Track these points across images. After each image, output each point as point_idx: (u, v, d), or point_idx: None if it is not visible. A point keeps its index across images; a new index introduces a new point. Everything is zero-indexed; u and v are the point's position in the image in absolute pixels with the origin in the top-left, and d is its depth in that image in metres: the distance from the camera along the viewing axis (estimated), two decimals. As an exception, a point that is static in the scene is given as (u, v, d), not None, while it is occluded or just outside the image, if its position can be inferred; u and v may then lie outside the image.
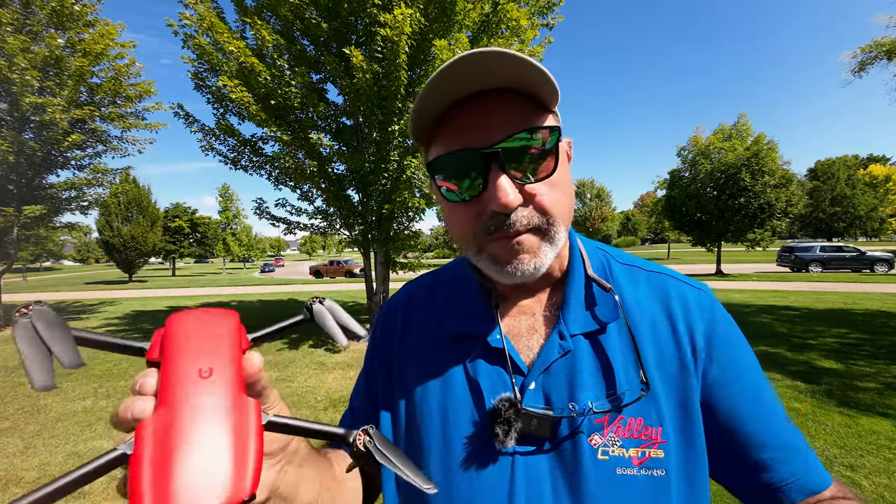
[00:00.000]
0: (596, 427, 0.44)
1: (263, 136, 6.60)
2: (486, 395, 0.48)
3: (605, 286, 0.50)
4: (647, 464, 0.43)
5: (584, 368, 0.47)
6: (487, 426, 0.46)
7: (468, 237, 0.47)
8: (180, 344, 0.29)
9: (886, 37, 8.24)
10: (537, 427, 0.44)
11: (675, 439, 0.44)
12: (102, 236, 26.97)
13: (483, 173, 0.44)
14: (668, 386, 0.47)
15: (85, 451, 3.27)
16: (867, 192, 44.08)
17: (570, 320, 0.50)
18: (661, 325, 0.49)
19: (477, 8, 5.91)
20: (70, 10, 8.06)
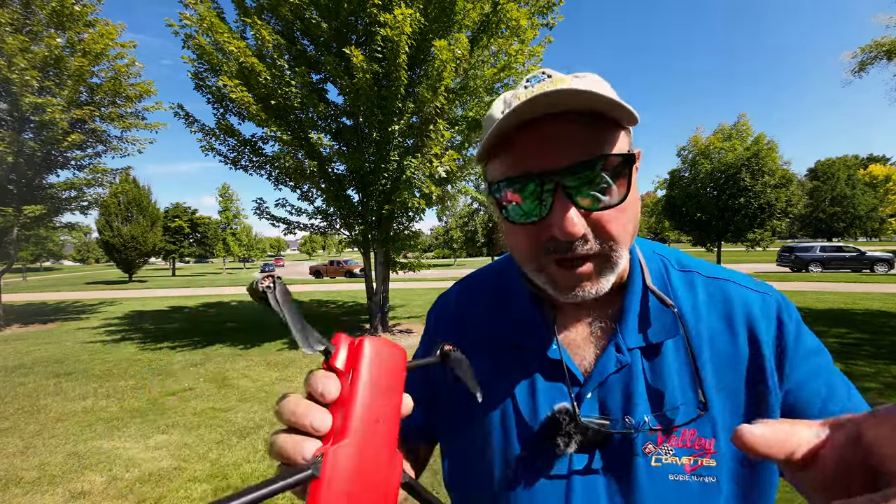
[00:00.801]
0: (650, 437, 0.45)
1: (263, 136, 6.60)
2: (543, 404, 0.49)
3: (666, 301, 0.49)
4: (699, 471, 0.44)
5: (641, 382, 0.47)
6: (546, 435, 0.47)
7: (529, 257, 0.47)
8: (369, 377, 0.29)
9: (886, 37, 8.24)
10: (594, 438, 0.46)
11: (728, 449, 0.45)
12: (102, 236, 26.96)
13: (549, 198, 0.42)
14: (725, 399, 0.46)
15: (85, 451, 3.27)
16: (867, 192, 44.09)
17: (628, 333, 0.49)
18: (722, 338, 0.48)
19: (477, 8, 5.91)
20: (70, 10, 8.06)
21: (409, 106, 5.74)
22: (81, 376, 5.42)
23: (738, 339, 0.48)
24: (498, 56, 6.52)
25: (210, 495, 2.62)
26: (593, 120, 0.42)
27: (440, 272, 26.50)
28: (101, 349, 7.06)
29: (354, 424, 0.28)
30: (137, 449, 3.31)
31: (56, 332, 8.92)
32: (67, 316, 11.69)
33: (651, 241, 0.58)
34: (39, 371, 5.75)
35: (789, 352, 0.47)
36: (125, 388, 4.89)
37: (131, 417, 3.98)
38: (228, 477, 2.82)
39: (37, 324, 10.20)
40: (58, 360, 6.33)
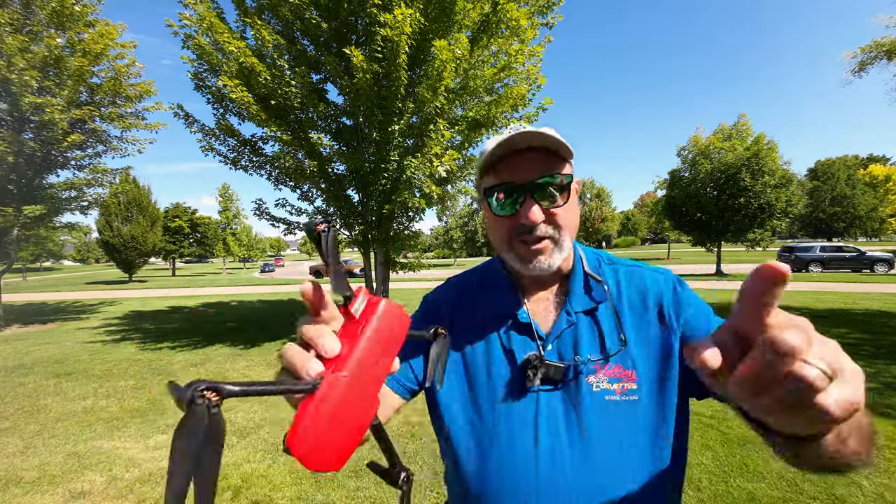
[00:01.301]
0: (591, 371, 0.65)
1: (263, 136, 6.59)
2: (517, 353, 0.69)
3: (598, 279, 0.73)
4: (626, 392, 0.64)
5: (583, 334, 0.69)
6: (520, 372, 0.67)
7: (503, 239, 0.70)
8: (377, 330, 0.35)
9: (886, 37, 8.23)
10: (553, 373, 0.65)
11: (645, 376, 0.65)
12: (102, 236, 26.95)
13: (520, 199, 0.66)
14: (640, 341, 0.67)
15: (85, 451, 3.27)
16: (867, 192, 44.04)
17: (574, 302, 0.71)
18: (637, 302, 0.70)
19: (477, 8, 5.90)
20: (70, 10, 8.06)
21: (409, 106, 5.74)
22: (81, 376, 5.42)
23: (649, 302, 0.70)
24: (498, 56, 6.52)
25: (210, 495, 2.62)
26: (548, 154, 0.66)
27: (440, 272, 26.50)
28: (101, 349, 7.06)
29: (353, 363, 0.33)
30: (137, 449, 3.31)
31: (56, 332, 8.92)
32: (67, 316, 11.69)
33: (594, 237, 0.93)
34: (39, 371, 5.75)
35: (682, 305, 0.69)
36: (125, 388, 4.89)
37: (131, 417, 3.98)
38: (228, 477, 2.82)
39: (37, 324, 10.19)
40: (58, 360, 6.33)
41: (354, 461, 2.97)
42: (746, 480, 2.58)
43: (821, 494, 2.41)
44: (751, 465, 2.76)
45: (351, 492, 2.61)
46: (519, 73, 6.47)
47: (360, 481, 2.72)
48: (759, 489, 2.48)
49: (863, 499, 2.35)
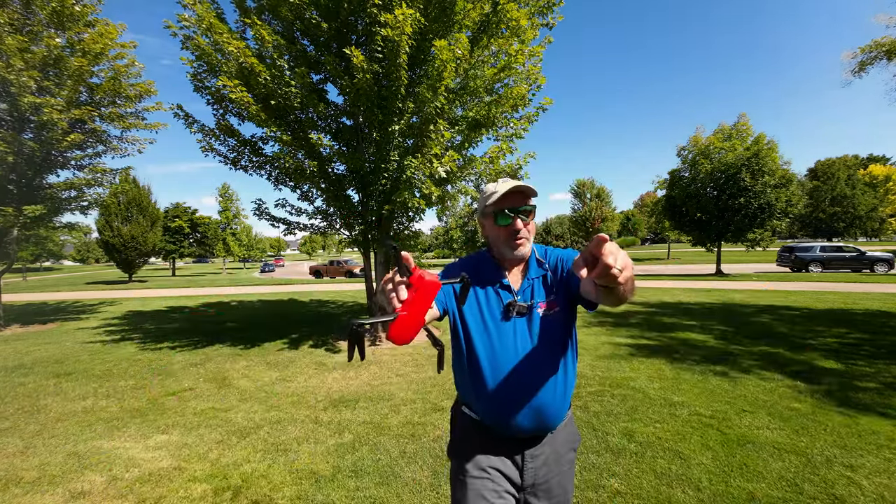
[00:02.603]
0: (538, 305, 1.21)
1: (263, 136, 6.59)
2: (504, 299, 1.22)
3: (541, 261, 1.29)
4: (554, 311, 1.21)
5: (536, 288, 1.24)
6: (505, 308, 1.20)
7: (503, 239, 1.22)
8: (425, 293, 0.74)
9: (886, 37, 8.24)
10: (522, 309, 1.20)
11: (560, 302, 1.22)
12: (102, 236, 26.93)
13: (514, 216, 1.20)
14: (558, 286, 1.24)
15: (85, 451, 3.27)
16: (867, 192, 44.03)
17: (531, 273, 1.26)
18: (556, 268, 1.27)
19: (477, 8, 5.90)
20: (70, 10, 8.06)
21: (410, 106, 5.74)
22: (81, 376, 5.42)
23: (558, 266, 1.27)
24: (498, 56, 6.51)
25: (210, 495, 2.62)
26: (525, 194, 1.20)
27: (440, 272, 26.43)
28: (101, 349, 7.06)
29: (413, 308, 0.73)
30: (137, 449, 3.31)
31: (56, 332, 8.92)
32: (67, 316, 11.69)
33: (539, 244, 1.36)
34: (39, 371, 5.75)
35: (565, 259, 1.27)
36: (125, 388, 4.89)
37: (131, 417, 3.97)
38: (229, 477, 2.82)
39: (37, 324, 10.19)
40: (58, 360, 6.33)
41: (354, 461, 2.97)
42: (746, 480, 2.57)
43: (821, 494, 2.41)
44: (751, 465, 2.76)
45: (351, 492, 2.61)
46: (519, 74, 6.47)
47: (359, 481, 2.72)
48: (759, 489, 2.48)
49: (863, 499, 2.35)
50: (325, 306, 12.13)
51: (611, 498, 2.45)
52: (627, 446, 3.07)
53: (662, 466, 2.77)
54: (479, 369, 1.17)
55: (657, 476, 2.66)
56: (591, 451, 3.03)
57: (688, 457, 2.88)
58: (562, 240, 60.36)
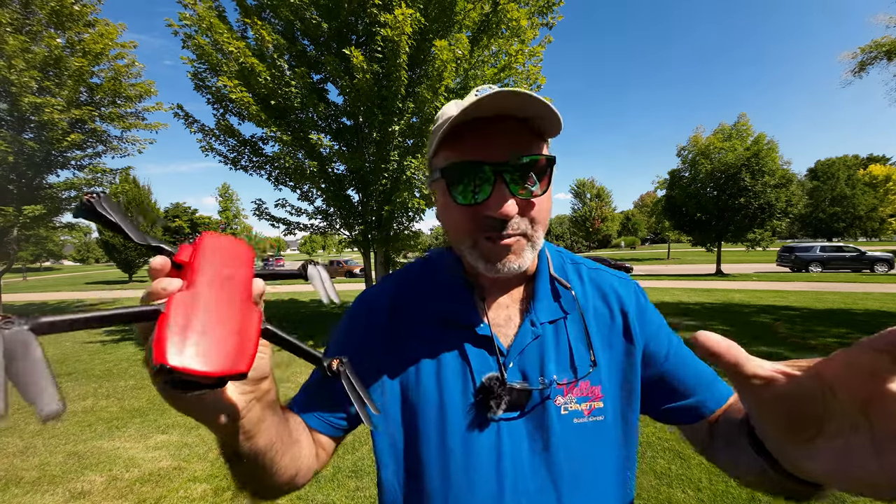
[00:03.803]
0: (558, 391, 0.57)
1: (263, 136, 6.60)
2: (476, 373, 0.58)
3: (566, 285, 0.63)
4: (594, 412, 0.58)
5: (550, 349, 0.59)
6: (479, 399, 0.56)
7: (465, 233, 0.56)
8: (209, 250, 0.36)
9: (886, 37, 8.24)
10: (518, 398, 0.56)
11: (610, 392, 0.59)
12: (102, 236, 26.97)
13: (490, 183, 0.52)
14: (607, 355, 0.61)
15: (85, 451, 3.27)
16: (867, 192, 44.06)
17: (539, 311, 0.61)
18: (602, 311, 0.64)
19: (477, 8, 5.90)
20: (70, 10, 8.06)
21: (410, 106, 5.74)
22: (81, 376, 5.42)
23: (615, 311, 0.63)
24: (498, 56, 6.52)
25: (210, 495, 2.62)
26: (526, 127, 0.53)
27: (440, 272, 26.45)
28: (101, 349, 7.06)
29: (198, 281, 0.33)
30: (137, 449, 3.31)
31: (56, 332, 8.92)
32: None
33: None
34: (39, 371, 5.75)
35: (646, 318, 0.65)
36: (125, 388, 4.89)
37: (131, 417, 3.98)
38: (228, 477, 2.82)
39: (37, 324, 10.19)
40: (58, 360, 6.33)
41: (354, 461, 2.97)
42: (746, 480, 2.57)
43: (821, 494, 2.41)
44: (751, 465, 2.75)
45: (351, 492, 2.61)
46: (519, 74, 6.47)
47: (360, 481, 2.72)
48: (759, 489, 2.48)
49: (863, 498, 2.35)
50: (325, 306, 12.13)
51: (611, 498, 2.45)
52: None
53: (662, 466, 2.77)
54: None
55: (657, 476, 2.66)
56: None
57: (688, 457, 2.88)
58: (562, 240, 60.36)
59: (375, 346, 0.63)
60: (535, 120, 0.53)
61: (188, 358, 0.28)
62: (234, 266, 0.36)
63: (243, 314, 0.34)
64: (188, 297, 0.31)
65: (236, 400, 0.41)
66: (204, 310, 0.31)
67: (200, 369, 0.28)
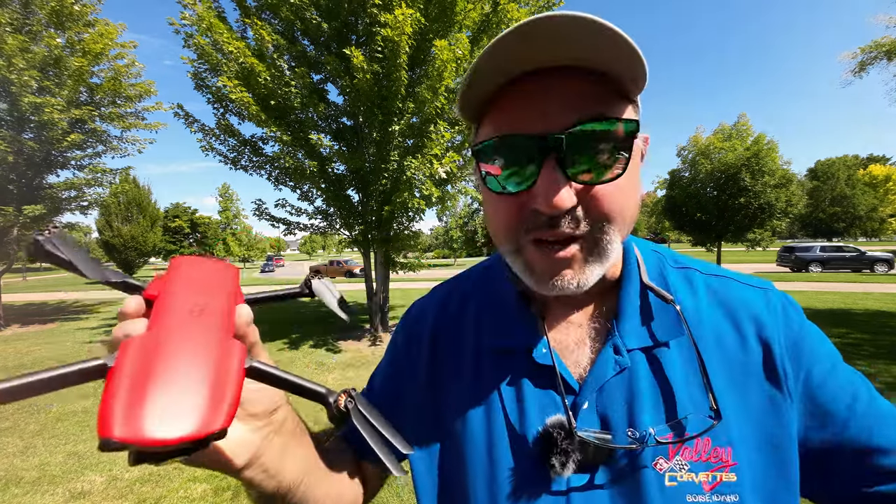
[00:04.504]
0: (660, 451, 0.40)
1: (263, 136, 6.60)
2: (535, 417, 0.43)
3: (666, 297, 0.45)
4: (720, 489, 0.39)
5: (644, 388, 0.42)
6: (539, 453, 0.42)
7: (507, 233, 0.42)
8: (179, 280, 0.31)
9: (886, 37, 8.23)
10: (594, 455, 0.40)
11: (748, 460, 0.40)
12: (102, 236, 26.94)
13: (537, 164, 0.37)
14: (739, 403, 0.41)
15: (85, 451, 3.27)
16: (867, 192, 44.10)
17: (627, 333, 0.44)
18: (729, 337, 0.44)
19: (477, 8, 5.91)
20: (70, 10, 8.06)
21: (410, 106, 5.74)
22: (81, 376, 5.43)
23: (747, 338, 0.43)
24: (498, 56, 6.52)
25: (210, 495, 2.62)
26: (598, 81, 0.37)
27: (440, 272, 26.49)
28: (102, 349, 7.06)
29: (162, 320, 0.28)
30: (137, 449, 3.31)
31: (56, 332, 8.92)
32: (67, 316, 11.69)
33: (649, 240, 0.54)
34: (39, 371, 5.75)
35: (804, 350, 0.43)
36: (125, 388, 4.89)
37: (131, 417, 3.98)
38: (228, 477, 2.82)
39: (36, 324, 10.19)
40: (58, 360, 6.33)
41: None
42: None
43: (821, 494, 2.40)
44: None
45: (351, 492, 2.61)
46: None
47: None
48: (759, 489, 2.48)
49: None
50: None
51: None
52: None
53: (662, 466, 2.77)
54: None
55: (657, 476, 2.66)
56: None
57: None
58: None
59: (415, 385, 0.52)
60: (609, 65, 0.36)
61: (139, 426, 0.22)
62: (209, 295, 0.30)
63: (220, 355, 0.28)
64: (147, 341, 0.26)
65: (249, 440, 0.35)
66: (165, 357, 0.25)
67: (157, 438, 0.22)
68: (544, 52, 0.35)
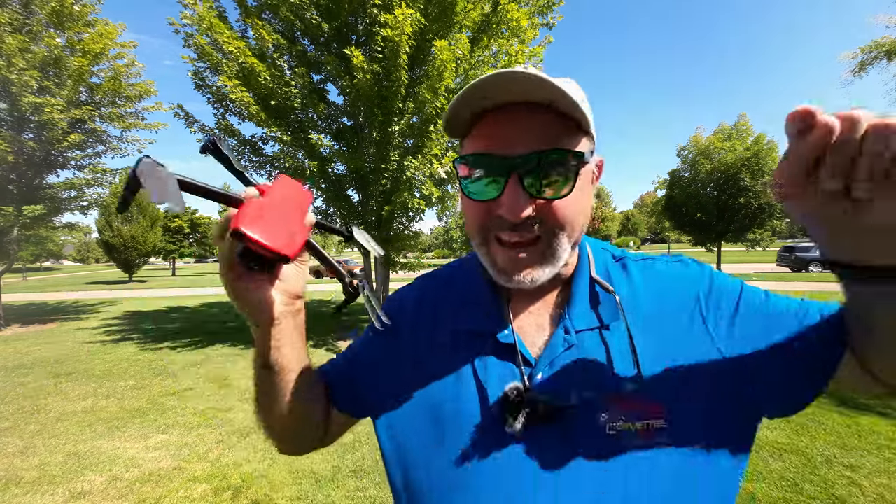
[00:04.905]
0: (599, 407, 0.48)
1: (263, 136, 6.60)
2: (497, 384, 0.52)
3: (608, 288, 0.55)
4: (652, 433, 0.47)
5: (587, 361, 0.51)
6: (499, 411, 0.50)
7: (477, 230, 0.52)
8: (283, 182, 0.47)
9: (887, 37, 8.24)
10: (545, 411, 0.48)
11: (677, 408, 0.48)
12: (102, 236, 26.96)
13: (503, 180, 0.47)
14: (669, 364, 0.50)
15: (85, 451, 3.27)
16: (867, 192, 44.02)
17: (575, 318, 0.54)
18: (656, 311, 0.54)
19: (477, 8, 5.91)
20: (70, 10, 8.07)
21: (410, 106, 5.74)
22: (81, 376, 5.42)
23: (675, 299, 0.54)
24: (498, 56, 6.52)
25: (210, 495, 2.62)
26: (556, 118, 0.47)
27: (440, 272, 26.45)
28: (101, 349, 7.06)
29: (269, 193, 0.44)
30: (137, 449, 3.31)
31: (56, 332, 8.93)
32: (67, 316, 11.69)
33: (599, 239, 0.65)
34: (39, 371, 5.75)
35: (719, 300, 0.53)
36: (125, 388, 4.89)
37: (131, 417, 3.98)
38: (228, 477, 2.82)
39: (36, 324, 10.19)
40: (58, 360, 6.33)
41: (354, 461, 2.97)
42: (746, 480, 2.58)
43: (821, 494, 2.41)
44: (751, 465, 2.76)
45: (351, 492, 2.61)
46: (519, 74, 6.47)
47: (360, 481, 2.73)
48: (759, 489, 2.48)
49: (863, 499, 2.35)
50: (326, 306, 12.13)
51: (611, 498, 2.45)
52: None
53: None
54: None
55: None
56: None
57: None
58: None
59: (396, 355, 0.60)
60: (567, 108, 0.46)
61: (255, 229, 0.39)
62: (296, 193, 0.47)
63: (296, 222, 0.45)
64: (262, 199, 0.43)
65: (280, 300, 0.48)
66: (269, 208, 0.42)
67: (260, 239, 0.39)
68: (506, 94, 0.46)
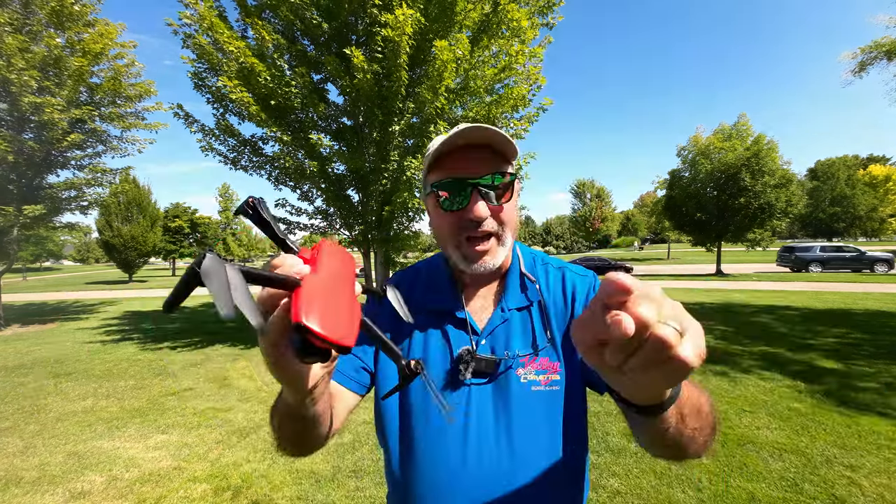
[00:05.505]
0: (520, 364, 0.71)
1: (263, 136, 6.60)
2: (453, 347, 0.74)
3: (532, 279, 0.78)
4: (550, 383, 0.70)
5: (515, 330, 0.74)
6: (454, 365, 0.72)
7: (450, 235, 0.72)
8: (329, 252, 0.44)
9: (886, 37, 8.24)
10: (485, 366, 0.70)
11: (564, 368, 0.71)
12: (102, 236, 26.97)
13: (468, 194, 0.68)
14: (563, 337, 0.73)
15: (85, 451, 3.27)
16: (867, 192, 44.07)
17: (509, 300, 0.76)
18: (560, 300, 0.77)
19: (477, 8, 5.90)
20: (70, 10, 8.06)
21: (410, 106, 5.74)
22: (81, 376, 5.42)
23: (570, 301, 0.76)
24: (498, 56, 6.51)
25: (210, 495, 2.62)
26: (493, 153, 0.70)
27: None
28: (101, 349, 7.06)
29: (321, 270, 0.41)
30: (137, 449, 3.31)
31: (56, 332, 8.92)
32: (67, 316, 11.69)
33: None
34: (39, 371, 5.75)
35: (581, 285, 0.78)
36: (125, 388, 4.89)
37: (131, 417, 3.98)
38: (228, 477, 2.82)
39: (36, 324, 10.20)
40: (58, 360, 6.33)
41: (354, 461, 2.97)
42: (746, 480, 2.58)
43: (821, 494, 2.41)
44: (751, 465, 2.76)
45: (351, 492, 2.61)
46: (519, 74, 6.47)
47: (359, 481, 2.72)
48: (759, 489, 2.48)
49: (863, 499, 2.35)
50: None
51: (611, 498, 2.45)
52: (627, 446, 3.07)
53: (662, 466, 2.77)
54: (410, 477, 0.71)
55: (657, 476, 2.66)
56: (591, 450, 3.03)
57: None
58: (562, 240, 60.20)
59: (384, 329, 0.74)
60: (500, 147, 0.69)
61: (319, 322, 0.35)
62: (345, 266, 0.45)
63: (351, 302, 0.42)
64: (317, 280, 0.39)
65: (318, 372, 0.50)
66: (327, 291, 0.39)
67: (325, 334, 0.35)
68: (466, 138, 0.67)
